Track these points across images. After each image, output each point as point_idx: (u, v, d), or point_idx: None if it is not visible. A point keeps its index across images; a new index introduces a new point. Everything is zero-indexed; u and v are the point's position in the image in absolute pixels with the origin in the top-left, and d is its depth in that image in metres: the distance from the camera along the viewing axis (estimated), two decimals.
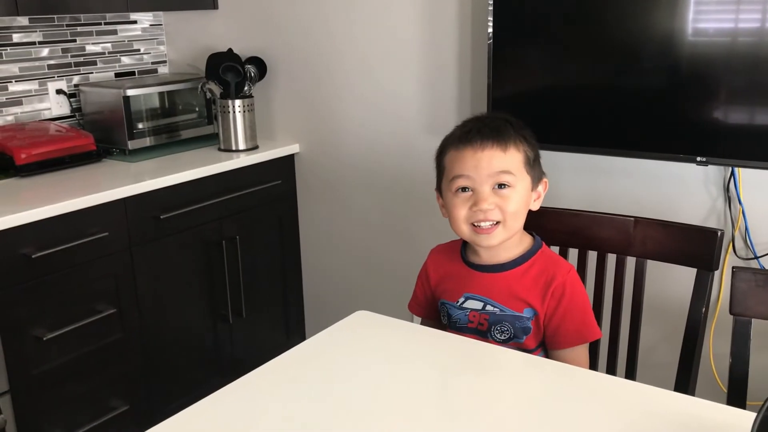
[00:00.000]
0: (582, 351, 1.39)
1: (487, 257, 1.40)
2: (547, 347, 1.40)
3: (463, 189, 1.34)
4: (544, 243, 1.43)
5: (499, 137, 1.33)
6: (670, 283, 1.97)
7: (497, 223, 1.32)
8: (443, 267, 1.47)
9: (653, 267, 1.52)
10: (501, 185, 1.32)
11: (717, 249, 1.40)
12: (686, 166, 1.96)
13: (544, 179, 1.41)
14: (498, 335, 1.37)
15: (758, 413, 0.80)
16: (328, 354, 1.24)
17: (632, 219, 1.50)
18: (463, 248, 1.45)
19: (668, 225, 1.48)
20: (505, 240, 1.35)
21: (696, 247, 1.43)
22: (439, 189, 1.43)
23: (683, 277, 1.55)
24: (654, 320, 2.02)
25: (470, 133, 1.34)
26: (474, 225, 1.33)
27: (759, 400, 0.86)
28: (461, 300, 1.40)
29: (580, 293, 1.38)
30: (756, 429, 0.80)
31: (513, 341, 1.37)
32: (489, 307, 1.38)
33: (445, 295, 1.44)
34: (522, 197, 1.34)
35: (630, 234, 1.50)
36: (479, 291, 1.39)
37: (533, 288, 1.36)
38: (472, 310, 1.38)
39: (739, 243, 1.96)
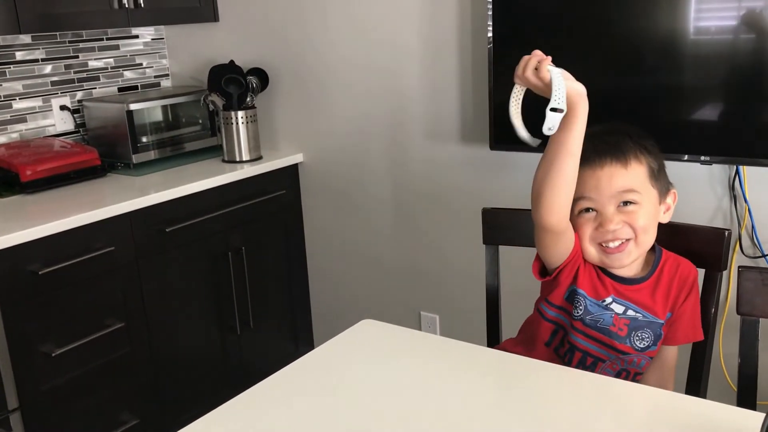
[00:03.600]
0: (677, 349, 1.37)
1: (622, 272, 1.33)
2: (665, 342, 1.36)
3: (587, 210, 1.28)
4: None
5: (617, 152, 1.26)
6: None
7: (628, 240, 1.27)
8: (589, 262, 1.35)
9: None
10: (626, 202, 1.26)
11: (725, 249, 1.39)
12: (691, 166, 1.95)
13: (672, 190, 1.35)
14: (638, 342, 1.33)
15: (767, 416, 0.79)
16: (334, 364, 1.24)
17: None
18: None
19: (675, 226, 1.46)
20: (637, 257, 1.30)
21: (704, 247, 1.41)
22: None
23: None
24: None
25: (586, 152, 1.24)
26: (602, 246, 1.28)
27: None
28: (608, 300, 1.31)
29: (698, 293, 1.36)
30: (765, 430, 0.79)
31: (649, 350, 1.34)
32: (630, 312, 1.32)
33: (585, 287, 1.32)
34: (650, 212, 1.28)
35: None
36: (621, 296, 1.33)
37: (671, 289, 1.33)
38: (615, 313, 1.31)
39: (746, 241, 1.95)
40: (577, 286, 1.31)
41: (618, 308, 1.31)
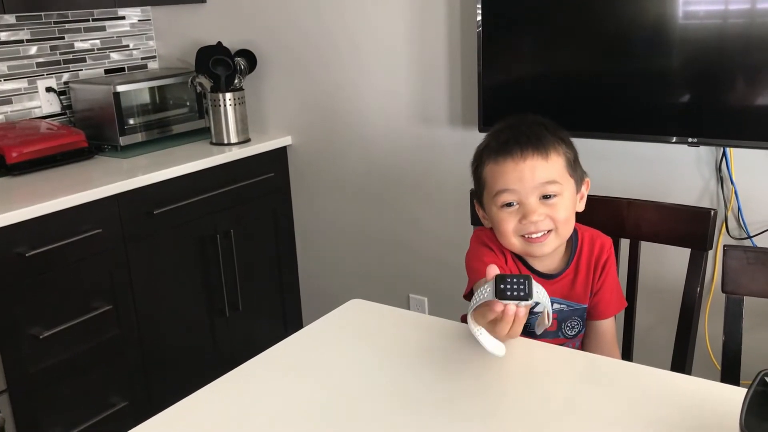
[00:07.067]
0: (613, 320, 1.41)
1: (543, 266, 1.35)
2: (587, 318, 1.40)
3: (509, 204, 1.28)
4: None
5: (538, 144, 1.26)
6: (665, 264, 1.98)
7: (549, 231, 1.28)
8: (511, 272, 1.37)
9: (647, 249, 1.52)
10: (548, 196, 1.27)
11: (710, 228, 1.41)
12: (678, 148, 1.96)
13: (586, 179, 1.37)
14: (569, 331, 1.36)
15: (749, 389, 0.80)
16: (321, 343, 1.24)
17: (625, 201, 1.50)
18: (517, 256, 1.37)
19: (661, 206, 1.48)
20: (557, 246, 1.32)
21: (689, 227, 1.43)
22: (479, 201, 1.37)
23: (678, 257, 1.55)
24: (650, 302, 2.03)
25: (508, 144, 1.27)
26: (525, 236, 1.29)
27: (752, 378, 0.87)
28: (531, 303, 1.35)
29: (614, 263, 1.40)
30: (746, 404, 0.80)
31: (581, 333, 1.38)
32: (556, 306, 1.34)
33: None
34: (569, 203, 1.29)
35: (623, 216, 1.50)
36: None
37: (589, 272, 1.36)
38: (541, 312, 1.32)
39: (732, 223, 1.96)
40: None
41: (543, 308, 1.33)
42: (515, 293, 1.01)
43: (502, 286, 1.01)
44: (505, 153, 1.27)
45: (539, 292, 1.04)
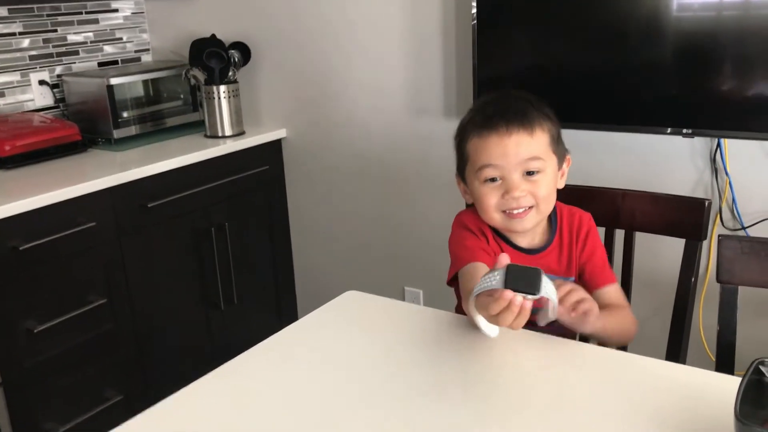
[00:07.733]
0: (615, 286, 1.38)
1: (524, 242, 1.35)
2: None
3: (492, 179, 1.28)
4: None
5: (524, 120, 1.26)
6: (660, 254, 1.98)
7: (530, 207, 1.28)
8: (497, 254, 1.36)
9: (642, 239, 1.52)
10: (531, 172, 1.26)
11: (705, 219, 1.41)
12: (673, 139, 1.96)
13: (567, 156, 1.36)
14: None
15: (743, 378, 0.81)
16: (317, 334, 1.24)
17: (620, 191, 1.51)
18: (498, 234, 1.37)
19: (656, 196, 1.48)
20: (538, 222, 1.32)
21: (684, 217, 1.44)
22: (461, 175, 1.37)
23: (672, 248, 1.55)
24: (644, 292, 2.03)
25: (493, 118, 1.26)
26: (506, 212, 1.29)
27: (746, 367, 0.87)
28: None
29: (597, 237, 1.40)
30: (741, 393, 0.80)
31: None
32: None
33: None
34: (551, 179, 1.29)
35: (618, 206, 1.50)
36: None
37: (572, 246, 1.36)
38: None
39: (726, 214, 1.97)
40: None
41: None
42: (524, 285, 1.01)
43: (512, 277, 1.01)
44: (489, 127, 1.26)
45: (546, 286, 1.04)
